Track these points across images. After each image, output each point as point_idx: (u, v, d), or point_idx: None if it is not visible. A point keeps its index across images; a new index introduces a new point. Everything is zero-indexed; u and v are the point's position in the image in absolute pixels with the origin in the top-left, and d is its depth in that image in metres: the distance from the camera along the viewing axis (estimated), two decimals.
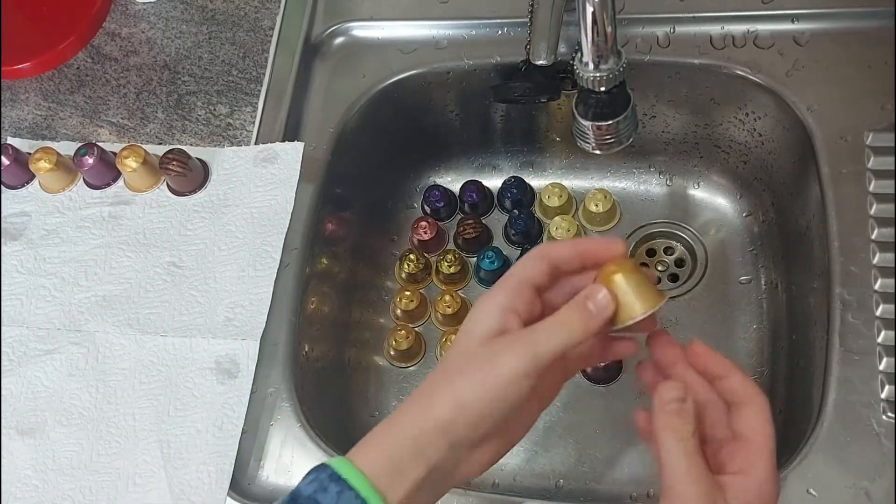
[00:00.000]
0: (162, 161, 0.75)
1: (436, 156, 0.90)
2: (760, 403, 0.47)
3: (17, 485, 0.68)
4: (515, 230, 0.84)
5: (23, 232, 0.79)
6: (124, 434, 0.68)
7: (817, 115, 0.70)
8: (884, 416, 0.59)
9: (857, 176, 0.67)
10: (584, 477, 0.76)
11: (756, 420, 0.47)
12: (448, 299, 0.81)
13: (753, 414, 0.47)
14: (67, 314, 0.74)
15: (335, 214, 0.81)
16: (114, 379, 0.71)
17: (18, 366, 0.73)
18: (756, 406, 0.47)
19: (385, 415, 0.81)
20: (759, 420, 0.47)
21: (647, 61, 0.76)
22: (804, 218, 0.73)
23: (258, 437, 0.67)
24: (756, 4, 0.74)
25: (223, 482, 0.65)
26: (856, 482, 0.58)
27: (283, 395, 0.68)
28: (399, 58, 0.81)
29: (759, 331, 0.78)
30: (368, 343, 0.84)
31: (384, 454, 0.45)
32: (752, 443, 0.47)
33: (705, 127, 0.81)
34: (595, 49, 0.59)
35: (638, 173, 0.87)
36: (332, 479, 0.43)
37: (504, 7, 0.79)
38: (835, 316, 0.63)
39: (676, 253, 0.84)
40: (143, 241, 0.76)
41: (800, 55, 0.73)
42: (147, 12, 0.88)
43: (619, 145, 0.67)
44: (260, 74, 0.82)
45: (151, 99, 0.84)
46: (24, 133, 0.84)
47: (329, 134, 0.79)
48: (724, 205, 0.84)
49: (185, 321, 0.72)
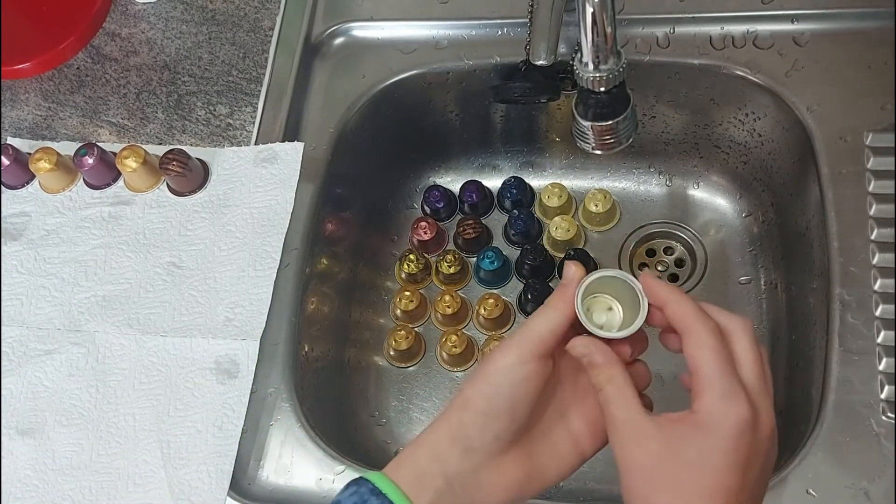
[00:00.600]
0: (162, 161, 0.75)
1: (436, 156, 0.90)
2: (698, 331, 0.43)
3: (17, 485, 0.68)
4: (515, 230, 0.84)
5: (23, 232, 0.79)
6: (124, 434, 0.68)
7: (817, 116, 0.70)
8: (883, 417, 0.59)
9: (857, 176, 0.67)
10: (584, 477, 0.76)
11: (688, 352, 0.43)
12: (448, 299, 0.81)
13: (691, 345, 0.43)
14: (67, 314, 0.74)
15: (335, 214, 0.81)
16: (114, 379, 0.71)
17: (18, 366, 0.73)
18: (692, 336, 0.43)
19: (385, 415, 0.82)
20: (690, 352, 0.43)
21: (647, 62, 0.76)
22: (804, 218, 0.73)
23: (258, 437, 0.67)
24: (756, 5, 0.74)
25: (223, 482, 0.65)
26: (855, 482, 0.58)
27: (283, 395, 0.68)
28: (399, 58, 0.81)
29: (759, 331, 0.78)
30: (368, 343, 0.84)
31: (409, 464, 0.46)
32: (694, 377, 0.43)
33: (705, 127, 0.81)
34: (595, 49, 0.59)
35: (638, 173, 0.87)
36: (374, 494, 0.44)
37: (504, 7, 0.79)
38: (834, 316, 0.63)
39: (676, 253, 0.84)
40: (143, 241, 0.76)
41: (799, 55, 0.73)
42: (147, 12, 0.88)
43: (618, 146, 0.67)
44: (260, 74, 0.82)
45: (151, 99, 0.84)
46: (24, 133, 0.84)
47: (329, 134, 0.79)
48: (724, 205, 0.84)
49: (185, 321, 0.72)
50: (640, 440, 0.43)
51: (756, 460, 0.42)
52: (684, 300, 0.45)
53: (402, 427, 0.81)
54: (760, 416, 0.42)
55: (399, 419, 0.81)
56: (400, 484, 0.44)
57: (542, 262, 0.82)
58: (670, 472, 0.42)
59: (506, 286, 0.85)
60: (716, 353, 0.42)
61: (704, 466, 0.41)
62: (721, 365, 0.42)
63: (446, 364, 0.82)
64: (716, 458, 0.41)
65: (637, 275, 0.82)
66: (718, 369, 0.42)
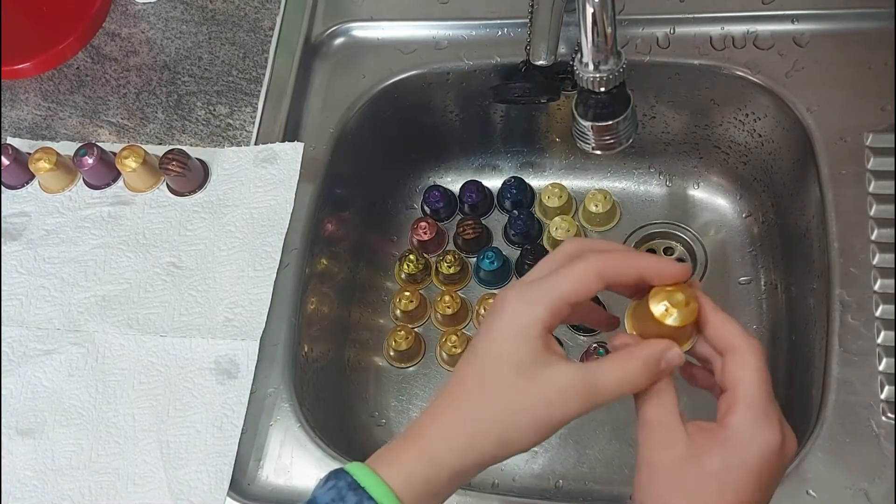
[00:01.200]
0: (162, 161, 0.75)
1: (436, 156, 0.90)
2: (743, 350, 0.43)
3: (17, 485, 0.68)
4: (515, 230, 0.84)
5: (23, 232, 0.79)
6: (124, 434, 0.68)
7: (817, 116, 0.70)
8: (883, 417, 0.59)
9: (857, 177, 0.67)
10: (583, 477, 0.76)
11: (735, 368, 0.43)
12: (448, 300, 0.81)
13: (736, 363, 0.43)
14: (67, 314, 0.74)
15: (335, 215, 0.81)
16: (113, 379, 0.71)
17: (18, 366, 0.73)
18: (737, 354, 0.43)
19: (384, 415, 0.82)
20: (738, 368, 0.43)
21: (647, 62, 0.76)
22: (804, 219, 0.73)
23: (258, 437, 0.67)
24: (756, 5, 0.74)
25: (223, 482, 0.65)
26: (855, 483, 0.58)
27: (282, 395, 0.68)
28: (399, 58, 0.81)
29: (759, 331, 0.78)
30: (368, 343, 0.84)
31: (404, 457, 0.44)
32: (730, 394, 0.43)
33: (705, 128, 0.81)
34: (595, 50, 0.60)
35: (638, 174, 0.87)
36: (351, 488, 0.42)
37: (504, 7, 0.79)
38: (834, 317, 0.63)
39: (676, 253, 0.84)
40: (142, 241, 0.76)
41: (799, 56, 0.73)
42: (147, 12, 0.88)
43: (618, 146, 0.67)
44: (260, 75, 0.82)
45: (151, 99, 0.84)
46: (23, 133, 0.84)
47: (329, 134, 0.79)
48: (724, 205, 0.84)
49: (185, 321, 0.72)
50: (670, 444, 0.43)
51: (774, 482, 0.43)
52: (728, 318, 0.44)
53: (402, 427, 0.81)
54: (787, 442, 0.43)
55: (399, 419, 0.81)
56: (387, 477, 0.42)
57: None
58: (692, 480, 0.42)
59: (506, 286, 0.84)
60: (759, 374, 0.43)
61: (726, 482, 0.42)
62: (762, 386, 0.43)
63: (446, 364, 0.82)
64: (740, 475, 0.42)
65: None
66: (759, 391, 0.42)
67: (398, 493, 0.42)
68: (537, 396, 0.42)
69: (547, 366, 0.43)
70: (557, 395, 0.42)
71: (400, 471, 0.43)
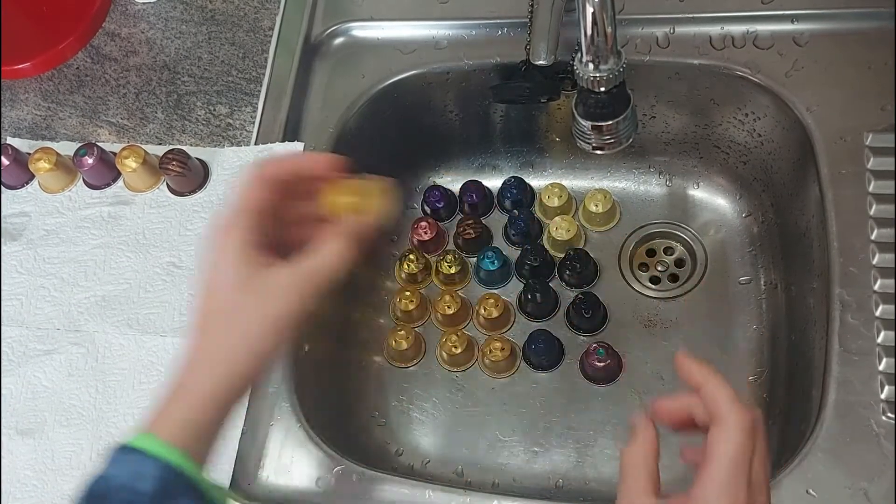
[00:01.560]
0: (162, 161, 0.75)
1: (436, 156, 0.90)
2: (727, 424, 0.43)
3: (17, 485, 0.68)
4: (515, 230, 0.84)
5: (23, 232, 0.79)
6: (124, 434, 0.68)
7: (817, 116, 0.70)
8: (883, 417, 0.59)
9: (857, 177, 0.67)
10: (584, 477, 0.76)
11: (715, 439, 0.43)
12: (448, 299, 0.81)
13: (715, 432, 0.43)
14: (67, 314, 0.74)
15: None
16: (113, 379, 0.71)
17: (18, 366, 0.73)
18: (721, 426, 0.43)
19: (385, 415, 0.82)
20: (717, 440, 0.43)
21: (647, 62, 0.76)
22: (804, 218, 0.73)
23: (258, 437, 0.67)
24: (756, 5, 0.74)
25: (223, 482, 0.65)
26: (855, 483, 0.58)
27: (283, 395, 0.68)
28: (398, 58, 0.81)
29: (759, 331, 0.78)
30: (368, 343, 0.84)
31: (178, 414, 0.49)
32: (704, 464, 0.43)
33: (705, 127, 0.81)
34: (595, 49, 0.59)
35: (638, 173, 0.87)
36: (125, 452, 0.47)
37: (504, 7, 0.79)
38: (834, 316, 0.63)
39: (676, 253, 0.84)
40: (142, 241, 0.76)
41: (799, 56, 0.73)
42: (147, 12, 0.88)
43: (618, 146, 0.67)
44: (260, 74, 0.82)
45: (151, 99, 0.84)
46: (23, 133, 0.84)
47: (329, 134, 0.79)
48: (724, 205, 0.84)
49: (185, 321, 0.72)
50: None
51: None
52: (721, 385, 0.44)
53: (402, 427, 0.81)
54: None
55: (399, 419, 0.81)
56: (160, 433, 0.47)
57: (542, 263, 0.82)
58: None
59: (506, 286, 0.84)
60: (737, 449, 0.42)
61: None
62: (736, 465, 0.42)
63: (446, 364, 0.82)
64: None
65: (637, 275, 0.83)
66: (731, 468, 0.42)
67: (174, 441, 0.46)
68: (262, 300, 0.48)
69: (264, 276, 0.48)
70: (280, 291, 0.48)
71: (167, 424, 0.48)
